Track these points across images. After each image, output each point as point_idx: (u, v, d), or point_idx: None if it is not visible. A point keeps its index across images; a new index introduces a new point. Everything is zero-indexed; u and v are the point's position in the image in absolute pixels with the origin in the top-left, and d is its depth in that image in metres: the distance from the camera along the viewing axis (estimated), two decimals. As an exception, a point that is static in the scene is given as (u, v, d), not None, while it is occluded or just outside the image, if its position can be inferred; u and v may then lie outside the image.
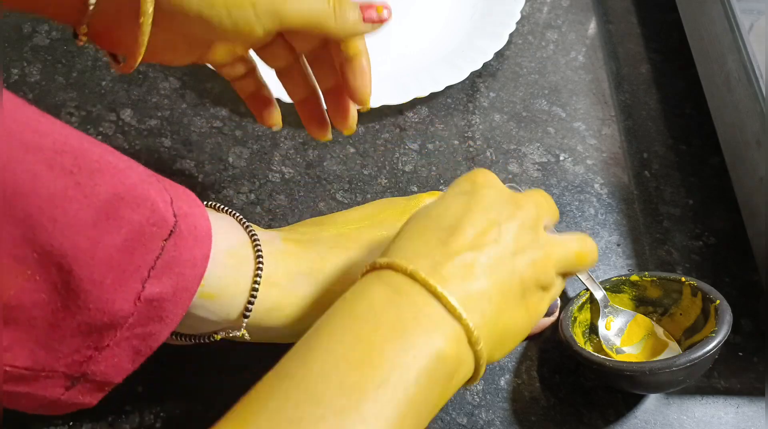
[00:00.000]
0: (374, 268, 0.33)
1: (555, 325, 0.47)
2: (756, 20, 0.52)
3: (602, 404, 0.45)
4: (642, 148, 0.58)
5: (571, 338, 0.44)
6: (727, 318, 0.41)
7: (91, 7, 0.34)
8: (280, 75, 0.45)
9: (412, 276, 0.31)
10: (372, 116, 0.58)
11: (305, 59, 0.45)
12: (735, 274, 0.50)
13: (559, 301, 0.47)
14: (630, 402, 0.45)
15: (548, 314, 0.47)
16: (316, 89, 0.46)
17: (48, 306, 0.31)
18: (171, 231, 0.34)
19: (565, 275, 0.37)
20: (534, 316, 0.35)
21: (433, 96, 0.59)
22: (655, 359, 0.43)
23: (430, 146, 0.57)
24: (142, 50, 0.35)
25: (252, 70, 0.45)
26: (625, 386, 0.43)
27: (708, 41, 0.55)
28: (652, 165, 0.57)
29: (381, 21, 0.40)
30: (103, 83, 0.59)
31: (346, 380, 0.28)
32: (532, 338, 0.47)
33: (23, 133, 0.29)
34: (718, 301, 0.42)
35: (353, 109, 0.45)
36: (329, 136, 0.47)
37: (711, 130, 0.55)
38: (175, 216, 0.35)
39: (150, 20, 0.34)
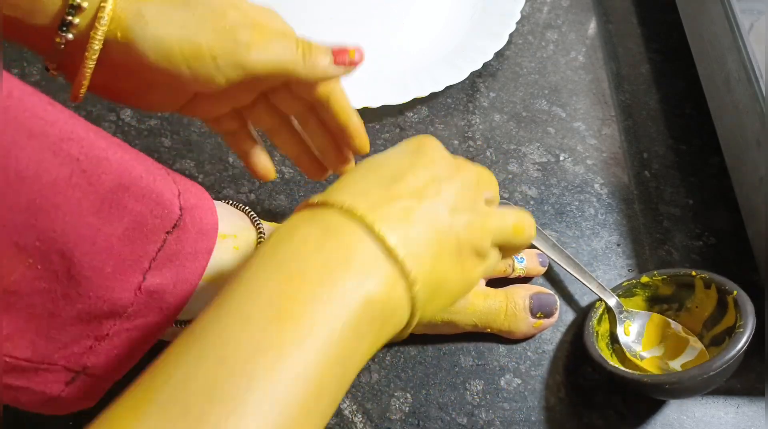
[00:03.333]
0: (307, 205, 0.31)
1: (575, 336, 0.47)
2: (756, 20, 0.52)
3: (602, 404, 0.45)
4: (642, 148, 0.58)
5: (600, 357, 0.43)
6: (749, 309, 0.41)
7: (62, 47, 0.34)
8: (270, 134, 0.45)
9: (348, 212, 0.29)
10: (372, 116, 0.58)
11: (296, 119, 0.44)
12: (735, 274, 0.50)
13: (557, 301, 0.47)
14: (630, 402, 0.45)
15: (548, 316, 0.47)
16: (309, 145, 0.45)
17: (48, 294, 0.31)
18: (175, 224, 0.35)
19: (501, 249, 0.35)
20: (468, 280, 0.33)
21: (433, 96, 0.59)
22: (690, 367, 0.42)
23: (430, 146, 0.57)
24: (84, 83, 0.35)
25: (243, 126, 0.44)
26: (665, 396, 0.44)
27: (708, 41, 0.55)
28: (652, 165, 0.57)
29: (353, 64, 0.39)
30: (103, 83, 0.59)
31: (263, 339, 0.25)
32: (531, 339, 0.47)
33: (29, 120, 0.29)
34: (735, 293, 0.42)
35: (351, 156, 0.45)
36: (327, 176, 0.47)
37: (711, 130, 0.55)
38: (181, 209, 0.36)
39: (94, 56, 0.34)
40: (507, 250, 0.36)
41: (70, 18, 0.33)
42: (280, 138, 0.45)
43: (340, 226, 0.29)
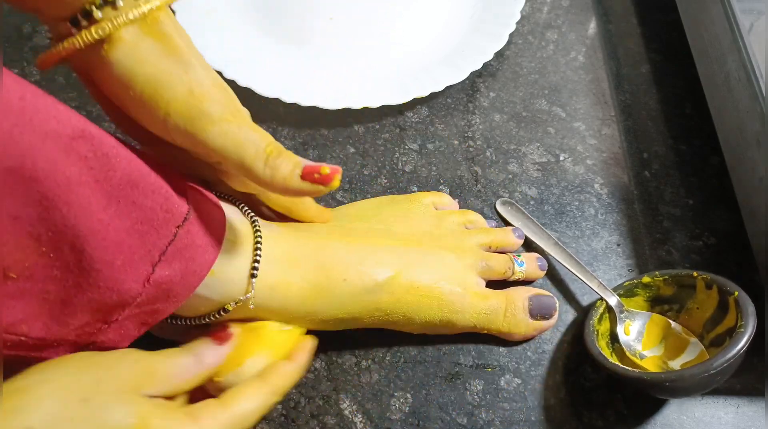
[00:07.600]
0: None
1: (577, 336, 0.47)
2: (756, 20, 0.52)
3: (602, 404, 0.45)
4: (642, 148, 0.58)
5: (600, 355, 0.43)
6: (750, 309, 0.41)
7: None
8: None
9: None
10: (372, 116, 0.58)
11: None
12: (735, 274, 0.50)
13: (557, 303, 0.47)
14: (630, 402, 0.45)
15: (547, 318, 0.47)
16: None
17: (60, 282, 0.32)
18: (185, 217, 0.35)
19: None
20: None
21: (433, 96, 0.59)
22: (691, 365, 0.42)
23: (430, 146, 0.57)
24: (52, 61, 0.35)
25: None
26: (665, 394, 0.44)
27: (708, 41, 0.55)
28: (652, 165, 0.57)
29: (322, 182, 0.34)
30: (103, 83, 0.59)
31: None
32: (531, 339, 0.47)
33: (44, 122, 0.30)
34: (736, 293, 0.42)
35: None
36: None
37: (711, 130, 0.55)
38: (188, 203, 0.36)
39: (71, 46, 0.33)
40: None
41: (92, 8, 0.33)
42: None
43: None
